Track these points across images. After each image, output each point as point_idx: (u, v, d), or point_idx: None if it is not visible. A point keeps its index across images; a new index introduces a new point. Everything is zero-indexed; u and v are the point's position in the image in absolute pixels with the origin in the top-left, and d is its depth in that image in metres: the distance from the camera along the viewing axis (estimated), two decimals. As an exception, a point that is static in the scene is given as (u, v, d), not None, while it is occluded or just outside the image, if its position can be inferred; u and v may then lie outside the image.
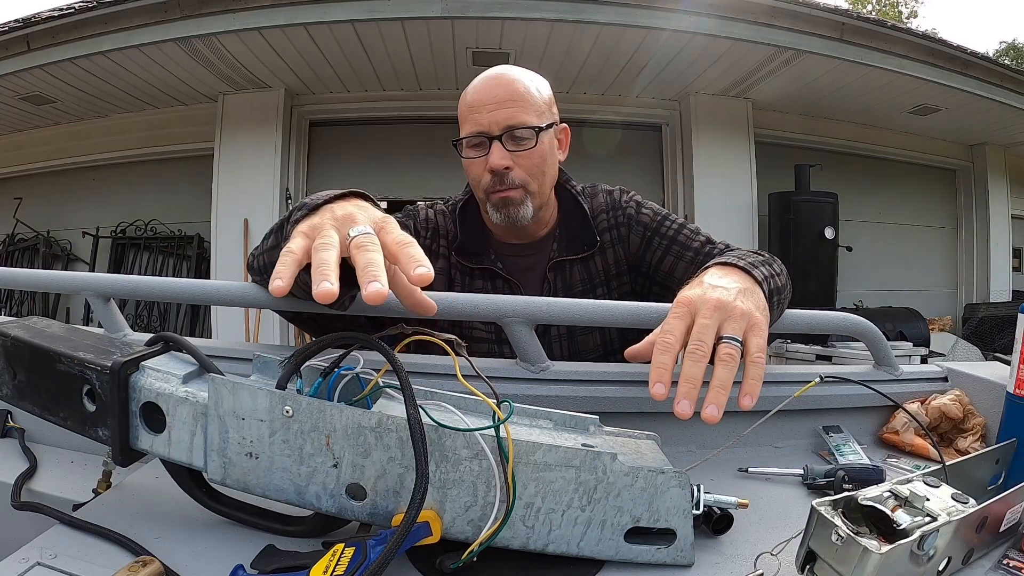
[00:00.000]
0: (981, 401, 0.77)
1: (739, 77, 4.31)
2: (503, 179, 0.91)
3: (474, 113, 0.92)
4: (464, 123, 0.94)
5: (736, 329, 0.54)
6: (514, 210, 0.93)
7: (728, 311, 0.55)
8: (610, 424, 0.56)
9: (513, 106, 0.91)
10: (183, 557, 0.46)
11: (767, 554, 0.48)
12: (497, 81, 0.93)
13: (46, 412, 0.52)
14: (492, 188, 0.93)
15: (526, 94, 0.92)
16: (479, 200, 0.98)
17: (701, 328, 0.54)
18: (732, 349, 0.53)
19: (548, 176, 0.97)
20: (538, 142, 0.92)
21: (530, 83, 0.94)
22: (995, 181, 5.79)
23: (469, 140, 0.93)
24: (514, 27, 3.64)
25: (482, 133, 0.91)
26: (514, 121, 0.90)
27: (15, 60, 3.73)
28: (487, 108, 0.91)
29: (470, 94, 0.94)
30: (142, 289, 0.79)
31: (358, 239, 0.48)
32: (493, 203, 0.94)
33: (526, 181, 0.93)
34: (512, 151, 0.91)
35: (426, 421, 0.44)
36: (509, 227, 0.96)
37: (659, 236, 0.99)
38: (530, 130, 0.91)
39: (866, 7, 17.03)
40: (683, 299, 0.58)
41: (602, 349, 1.00)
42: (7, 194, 5.28)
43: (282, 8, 3.42)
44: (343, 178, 4.82)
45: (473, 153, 0.93)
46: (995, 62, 4.45)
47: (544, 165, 0.94)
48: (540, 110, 0.93)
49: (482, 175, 0.93)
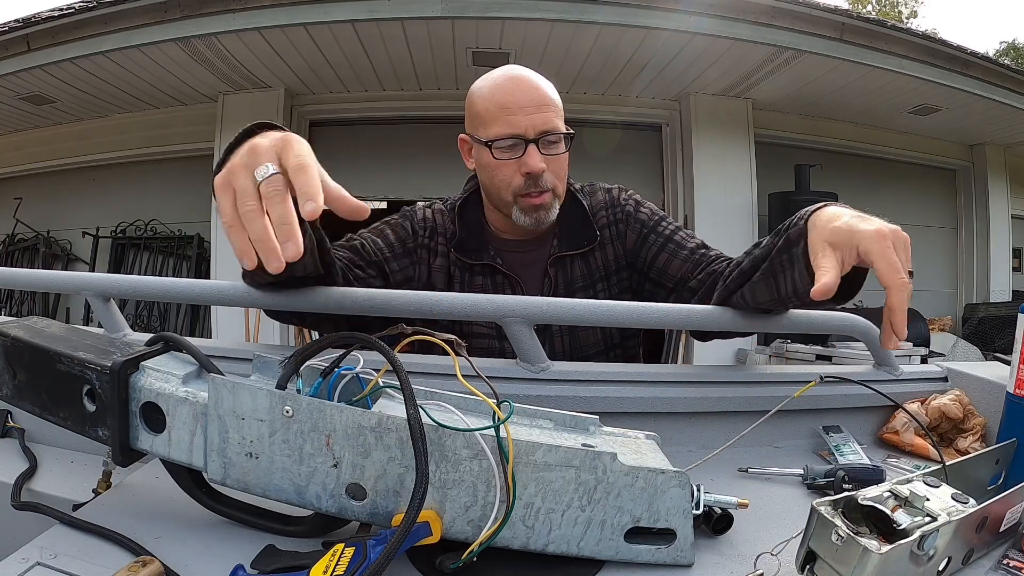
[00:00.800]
0: (981, 401, 0.77)
1: (739, 77, 4.31)
2: (537, 181, 0.92)
3: (509, 115, 0.91)
4: (494, 123, 0.92)
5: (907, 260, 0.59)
6: (544, 214, 0.95)
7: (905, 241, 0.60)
8: (610, 424, 0.57)
9: (548, 111, 0.92)
10: (183, 557, 0.46)
11: (767, 554, 0.48)
12: (529, 83, 0.93)
13: (46, 412, 0.52)
14: (524, 191, 0.93)
15: (555, 99, 0.95)
16: (502, 202, 0.96)
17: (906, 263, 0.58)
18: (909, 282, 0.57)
19: (566, 179, 1.00)
20: (567, 148, 0.95)
21: (552, 89, 0.96)
22: (995, 181, 5.78)
23: (502, 141, 0.92)
24: (514, 27, 3.64)
25: (517, 136, 0.91)
26: (550, 126, 0.92)
27: (15, 60, 3.73)
28: (525, 111, 0.91)
29: (499, 94, 0.92)
30: (142, 289, 0.80)
31: (263, 187, 0.50)
32: (523, 207, 0.94)
33: (555, 184, 0.95)
34: (545, 155, 0.92)
35: (426, 421, 0.44)
36: (533, 228, 0.97)
37: (655, 234, 1.00)
38: (562, 136, 0.93)
39: (866, 7, 17.03)
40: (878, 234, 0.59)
41: (603, 344, 1.01)
42: (7, 194, 5.28)
43: (282, 8, 3.42)
44: (343, 178, 4.79)
45: (504, 155, 0.92)
46: (995, 62, 4.44)
47: (567, 169, 0.98)
48: (562, 116, 0.96)
49: (513, 177, 0.93)
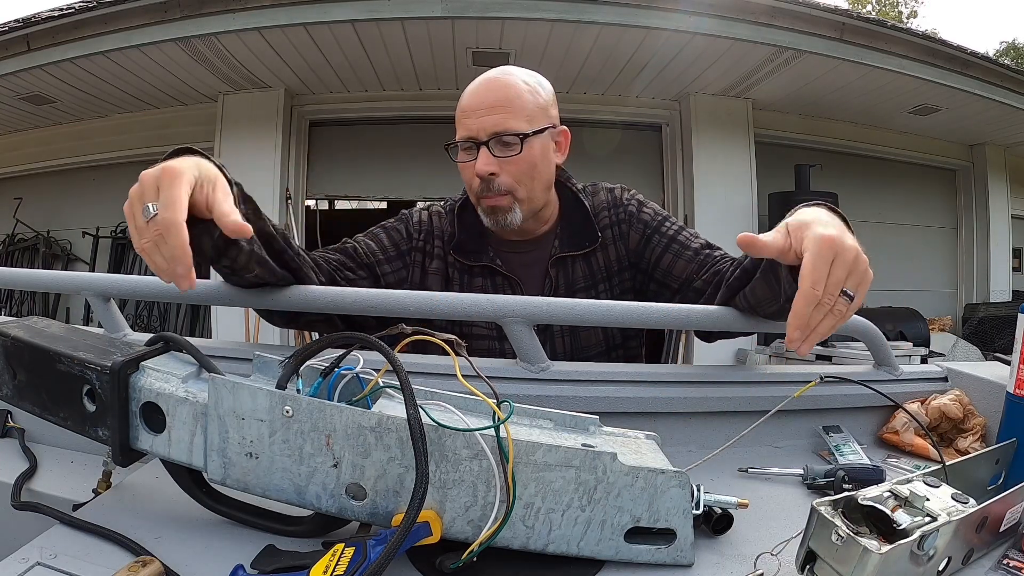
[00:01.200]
0: (981, 401, 0.77)
1: (739, 77, 4.31)
2: (490, 185, 0.92)
3: (465, 118, 0.93)
4: (457, 127, 0.95)
5: (854, 285, 0.56)
6: (502, 216, 0.95)
7: (858, 265, 0.56)
8: (610, 424, 0.57)
9: (501, 112, 0.91)
10: (183, 557, 0.46)
11: (767, 554, 0.48)
12: (489, 86, 0.93)
13: (46, 412, 0.52)
14: (481, 193, 0.94)
15: (516, 99, 0.92)
16: (474, 202, 0.99)
17: (836, 282, 0.55)
18: (846, 307, 0.55)
19: (539, 181, 0.96)
20: (524, 149, 0.91)
21: (524, 87, 0.93)
22: (995, 181, 5.78)
23: (461, 144, 0.94)
24: (514, 27, 3.64)
25: (471, 138, 0.92)
26: (500, 128, 0.90)
27: (15, 60, 3.72)
28: (477, 113, 0.91)
29: (464, 98, 0.95)
30: (142, 289, 0.80)
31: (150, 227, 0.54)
32: (484, 208, 0.96)
33: (513, 187, 0.93)
34: (499, 157, 0.91)
35: (426, 421, 0.44)
36: (500, 230, 0.97)
37: (659, 234, 1.00)
38: (515, 137, 0.91)
39: (866, 7, 17.02)
40: (827, 240, 0.55)
41: (604, 345, 1.00)
42: (7, 194, 5.27)
43: (282, 8, 3.42)
44: (343, 178, 4.82)
45: (464, 157, 0.94)
46: (995, 62, 4.44)
47: (533, 171, 0.94)
48: (531, 115, 0.93)
49: (472, 179, 0.94)
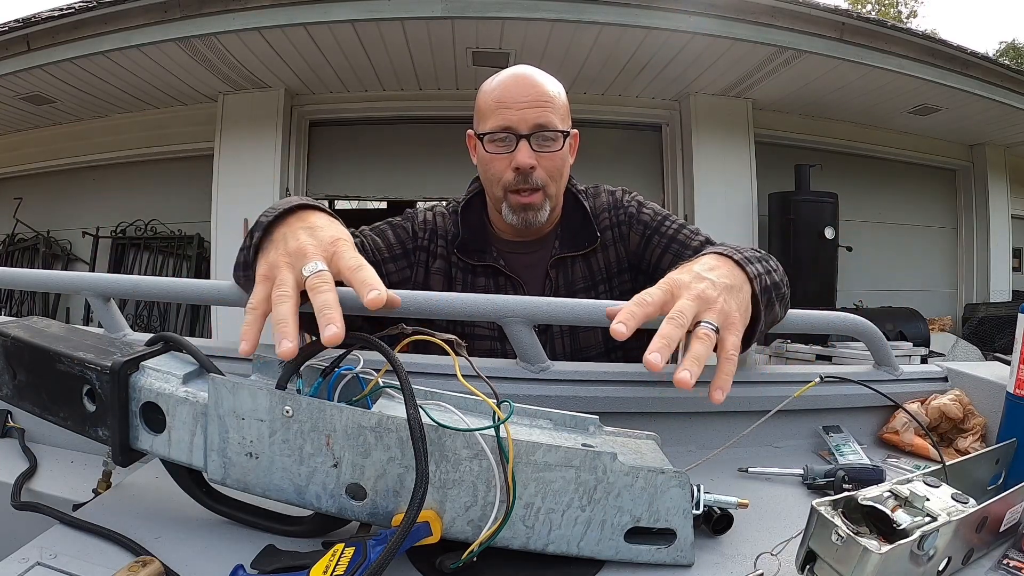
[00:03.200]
0: (981, 401, 0.77)
1: (739, 77, 4.31)
2: (527, 178, 0.92)
3: (503, 109, 0.92)
4: (489, 117, 0.93)
5: (713, 319, 0.56)
6: (532, 215, 0.94)
7: (709, 303, 0.57)
8: (610, 424, 0.57)
9: (543, 107, 0.92)
10: (183, 557, 0.46)
11: (767, 554, 0.48)
12: (528, 80, 0.94)
13: (46, 412, 0.52)
14: (514, 187, 0.93)
15: (555, 97, 0.94)
16: (494, 197, 0.97)
17: (682, 306, 0.55)
18: (709, 331, 0.54)
19: (563, 180, 0.98)
20: (563, 145, 0.94)
21: (555, 87, 0.95)
22: (995, 181, 5.79)
23: (494, 135, 0.92)
24: (514, 27, 3.64)
25: (509, 129, 0.91)
26: (543, 121, 0.91)
27: (15, 60, 3.73)
28: (518, 105, 0.91)
29: (498, 90, 0.94)
30: (142, 289, 0.79)
31: (311, 280, 0.52)
32: (512, 204, 0.94)
33: (547, 183, 0.94)
34: (537, 151, 0.92)
35: (426, 421, 0.44)
36: (523, 228, 0.96)
37: (659, 235, 1.00)
38: (557, 132, 0.92)
39: (865, 7, 17.02)
40: (671, 279, 0.58)
41: (604, 346, 1.00)
42: (7, 194, 5.28)
43: (282, 8, 3.42)
44: (343, 178, 4.82)
45: (496, 148, 0.93)
46: (995, 62, 4.45)
47: (563, 168, 0.96)
48: (563, 115, 0.95)
49: (504, 172, 0.93)
